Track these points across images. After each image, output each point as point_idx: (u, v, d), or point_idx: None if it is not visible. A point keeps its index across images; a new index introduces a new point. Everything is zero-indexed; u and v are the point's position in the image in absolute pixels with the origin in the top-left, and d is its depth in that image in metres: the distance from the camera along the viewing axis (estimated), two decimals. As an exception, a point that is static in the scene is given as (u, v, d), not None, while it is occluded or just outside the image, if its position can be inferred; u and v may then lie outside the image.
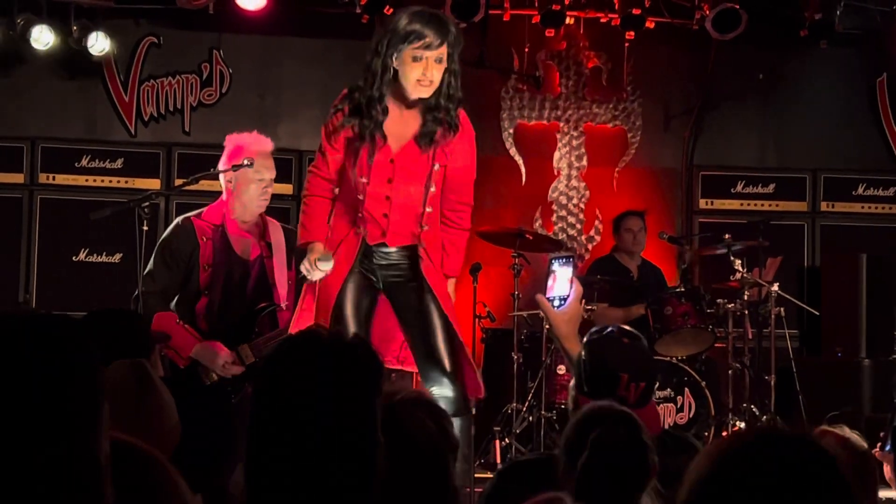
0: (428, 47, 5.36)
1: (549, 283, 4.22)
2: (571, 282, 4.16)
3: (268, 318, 6.40)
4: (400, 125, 5.49)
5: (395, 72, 5.41)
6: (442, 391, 5.39)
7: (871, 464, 3.43)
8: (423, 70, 5.36)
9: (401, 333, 5.64)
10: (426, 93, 5.42)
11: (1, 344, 1.71)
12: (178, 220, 6.53)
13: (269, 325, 6.37)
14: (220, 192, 9.70)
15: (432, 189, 5.51)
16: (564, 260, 4.28)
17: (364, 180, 5.47)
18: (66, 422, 1.71)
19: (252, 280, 6.38)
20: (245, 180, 6.39)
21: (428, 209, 5.51)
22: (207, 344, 6.18)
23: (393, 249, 5.57)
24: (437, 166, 5.48)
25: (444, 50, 5.40)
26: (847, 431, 3.45)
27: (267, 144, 6.55)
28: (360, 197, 5.50)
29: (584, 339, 3.80)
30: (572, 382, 3.78)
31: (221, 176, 6.44)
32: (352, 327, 5.48)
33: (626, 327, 3.87)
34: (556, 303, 4.14)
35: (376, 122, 5.43)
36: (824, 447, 1.81)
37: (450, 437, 2.71)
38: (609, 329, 3.80)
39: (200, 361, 6.18)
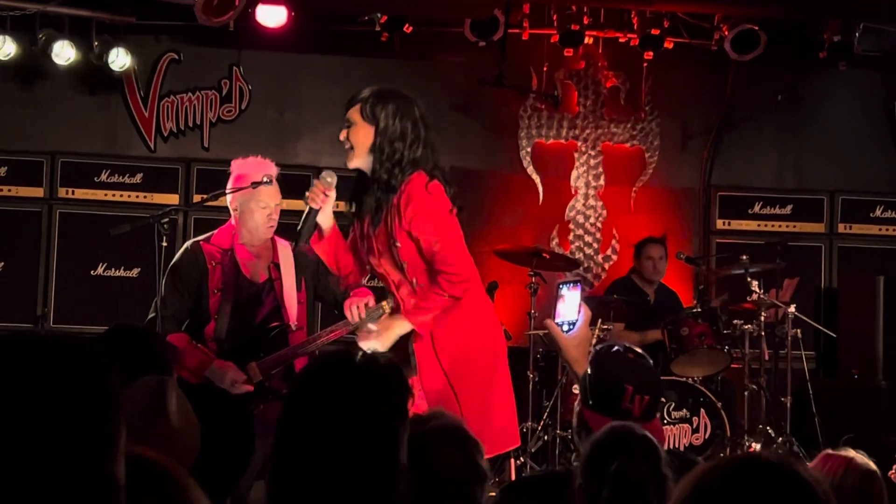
0: (345, 111, 5.39)
1: (558, 307, 4.22)
2: (580, 306, 4.16)
3: (277, 338, 6.35)
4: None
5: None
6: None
7: (877, 484, 3.41)
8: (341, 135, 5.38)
9: None
10: (349, 160, 5.38)
11: (20, 364, 1.72)
12: (187, 244, 6.50)
13: (279, 346, 6.32)
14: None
15: (405, 265, 5.28)
16: (573, 284, 4.28)
17: (368, 267, 5.48)
18: (83, 441, 1.72)
19: (262, 303, 6.37)
20: (249, 209, 6.38)
21: (413, 280, 5.31)
22: (219, 363, 6.19)
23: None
24: (397, 243, 5.24)
25: (353, 112, 5.34)
26: (851, 453, 3.44)
27: (271, 169, 6.54)
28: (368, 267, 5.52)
29: (591, 354, 3.81)
30: (577, 404, 3.79)
31: (228, 201, 6.43)
32: None
33: (633, 346, 3.88)
34: (566, 328, 4.14)
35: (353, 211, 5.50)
36: (803, 475, 1.83)
37: (478, 468, 2.71)
38: (615, 346, 3.81)
39: (212, 379, 6.19)
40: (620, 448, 2.99)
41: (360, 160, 5.35)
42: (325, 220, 5.46)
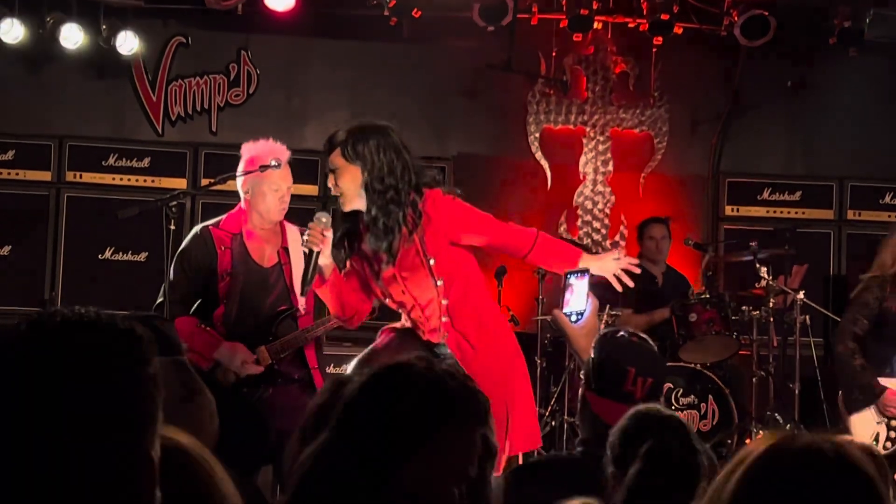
0: (326, 158, 5.37)
1: (566, 296, 4.23)
2: (588, 296, 4.16)
3: (286, 322, 6.38)
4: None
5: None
6: None
7: (884, 470, 3.40)
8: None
9: None
10: (343, 203, 5.34)
11: (60, 344, 1.72)
12: (196, 229, 6.50)
13: (288, 330, 6.35)
14: (246, 193, 9.75)
15: (440, 283, 5.32)
16: (580, 274, 4.28)
17: (388, 300, 5.44)
18: (121, 420, 1.73)
19: (271, 287, 6.38)
20: (261, 192, 6.37)
21: (444, 301, 5.35)
22: (228, 344, 6.21)
23: (442, 346, 5.44)
24: (432, 260, 5.29)
25: (334, 156, 5.31)
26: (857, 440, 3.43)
27: (283, 153, 6.53)
28: (399, 309, 5.49)
29: (596, 339, 3.81)
30: (581, 389, 3.80)
31: (239, 185, 6.42)
32: None
33: (638, 332, 3.88)
34: (574, 318, 4.15)
35: (348, 248, 5.47)
36: (864, 468, 1.80)
37: (489, 444, 2.71)
38: (620, 331, 3.82)
39: (221, 361, 6.20)
40: (649, 429, 2.99)
41: (355, 202, 5.32)
42: (325, 261, 5.41)
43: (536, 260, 5.50)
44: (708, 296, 8.76)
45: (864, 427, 7.01)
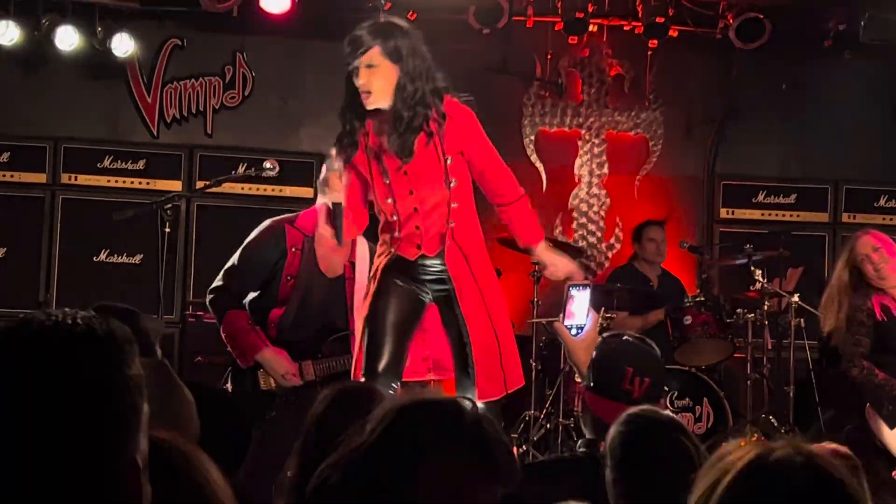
0: (355, 55, 5.32)
1: (567, 309, 4.26)
2: (589, 310, 4.21)
3: (338, 342, 6.33)
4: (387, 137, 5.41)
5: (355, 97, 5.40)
6: None
7: (858, 472, 3.41)
8: (357, 79, 5.33)
9: (435, 342, 5.59)
10: (370, 101, 5.33)
11: (35, 354, 1.71)
12: (271, 222, 6.44)
13: (339, 349, 6.30)
14: (240, 195, 9.76)
15: (454, 184, 5.40)
16: (582, 287, 4.31)
17: (390, 200, 5.40)
18: (103, 428, 1.72)
19: (332, 300, 6.29)
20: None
21: (454, 205, 5.43)
22: (274, 350, 6.16)
23: (435, 261, 5.47)
24: (449, 160, 5.38)
25: (373, 53, 5.30)
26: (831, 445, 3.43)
27: None
28: (394, 218, 5.43)
29: (598, 343, 3.85)
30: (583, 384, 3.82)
31: (321, 182, 6.28)
32: (388, 336, 5.44)
33: (637, 335, 3.91)
34: (574, 331, 4.18)
35: (355, 145, 5.44)
36: (838, 476, 1.82)
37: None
38: (624, 335, 3.84)
39: (263, 366, 6.16)
40: (646, 432, 3.00)
41: (383, 100, 5.34)
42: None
43: (507, 215, 5.61)
44: (702, 298, 8.77)
45: None
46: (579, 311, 4.24)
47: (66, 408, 1.68)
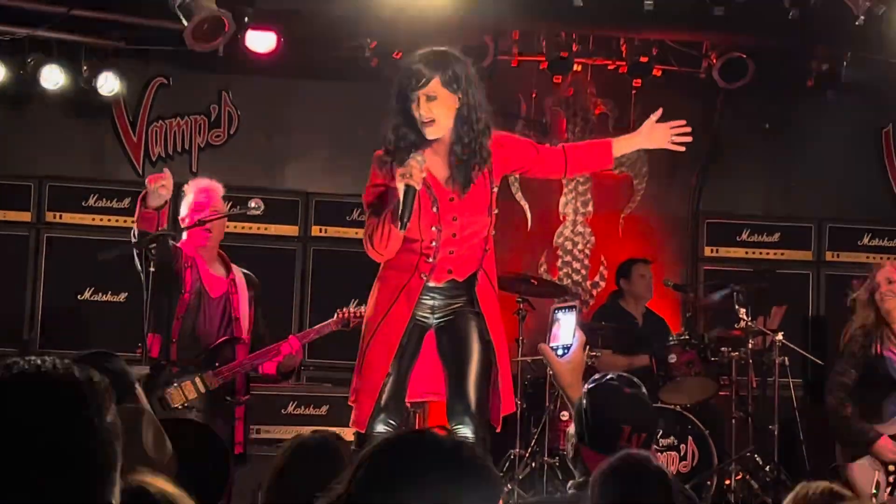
0: (418, 86, 5.31)
1: (553, 331, 4.23)
2: (576, 331, 4.16)
3: (230, 349, 6.66)
4: (439, 166, 5.43)
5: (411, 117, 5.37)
6: (463, 431, 5.38)
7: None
8: (418, 109, 5.32)
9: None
10: (431, 133, 5.33)
11: (22, 398, 1.72)
12: (165, 239, 6.65)
13: (231, 356, 6.64)
14: (225, 233, 9.77)
15: (496, 211, 5.48)
16: (568, 309, 4.28)
17: (435, 229, 5.37)
18: (81, 471, 1.72)
19: (219, 312, 6.53)
20: (220, 224, 6.83)
21: (493, 233, 5.51)
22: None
23: (462, 286, 5.50)
24: (496, 188, 5.45)
25: (434, 85, 5.31)
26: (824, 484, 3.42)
27: (219, 190, 7.02)
28: (434, 244, 5.41)
29: (585, 388, 3.79)
30: (571, 429, 3.77)
31: (189, 217, 6.83)
32: (394, 373, 5.43)
33: (627, 375, 3.87)
34: (560, 352, 4.14)
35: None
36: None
37: None
38: (609, 377, 3.79)
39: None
40: (629, 477, 2.99)
41: (443, 130, 5.36)
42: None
43: (575, 172, 5.87)
44: (687, 337, 8.78)
45: (864, 475, 7.16)
46: (565, 332, 4.19)
47: (43, 453, 1.69)
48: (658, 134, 5.78)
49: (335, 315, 7.27)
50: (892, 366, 7.29)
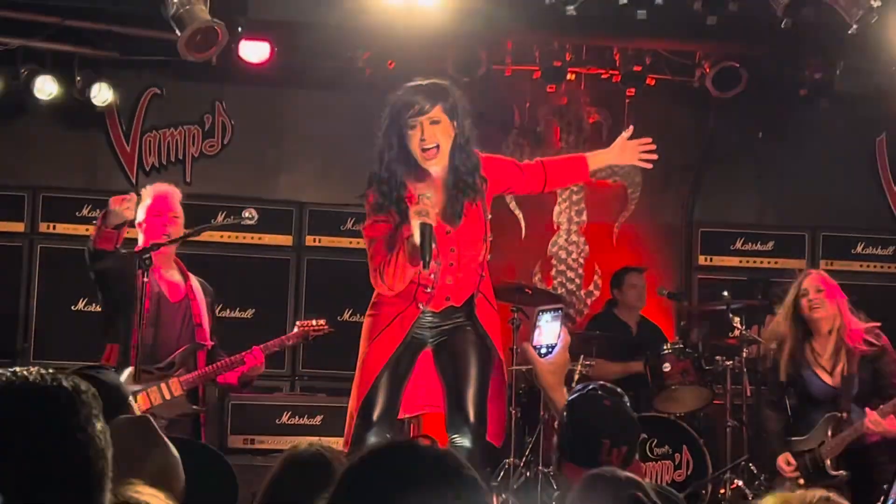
0: (422, 112, 5.31)
1: (537, 332, 4.21)
2: (561, 332, 4.13)
3: (193, 356, 6.72)
4: (435, 200, 5.41)
5: (407, 151, 5.37)
6: (462, 441, 5.39)
7: None
8: (420, 135, 5.31)
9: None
10: (433, 162, 5.35)
11: (8, 408, 1.71)
12: (121, 250, 6.69)
13: (194, 363, 6.71)
14: (219, 243, 9.76)
15: (490, 238, 5.51)
16: (553, 311, 4.26)
17: (436, 262, 5.33)
18: (69, 482, 1.71)
19: (179, 320, 6.54)
20: (179, 230, 6.82)
21: (488, 257, 5.55)
22: None
23: (460, 311, 5.55)
24: (489, 216, 5.50)
25: (437, 111, 5.34)
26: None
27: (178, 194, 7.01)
28: (433, 277, 5.42)
29: (567, 399, 3.77)
30: (556, 442, 3.76)
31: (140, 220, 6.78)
32: (385, 387, 5.45)
33: (609, 385, 3.84)
34: (543, 350, 4.11)
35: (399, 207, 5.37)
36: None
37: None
38: (591, 387, 3.76)
39: None
40: (605, 492, 2.97)
41: (443, 159, 5.39)
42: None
43: (553, 187, 5.90)
44: (681, 346, 8.78)
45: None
46: (549, 332, 4.16)
47: (30, 463, 1.68)
48: (629, 151, 5.92)
49: (295, 328, 7.41)
50: (810, 383, 7.30)
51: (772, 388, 7.48)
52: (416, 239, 5.17)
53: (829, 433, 7.19)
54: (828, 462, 7.17)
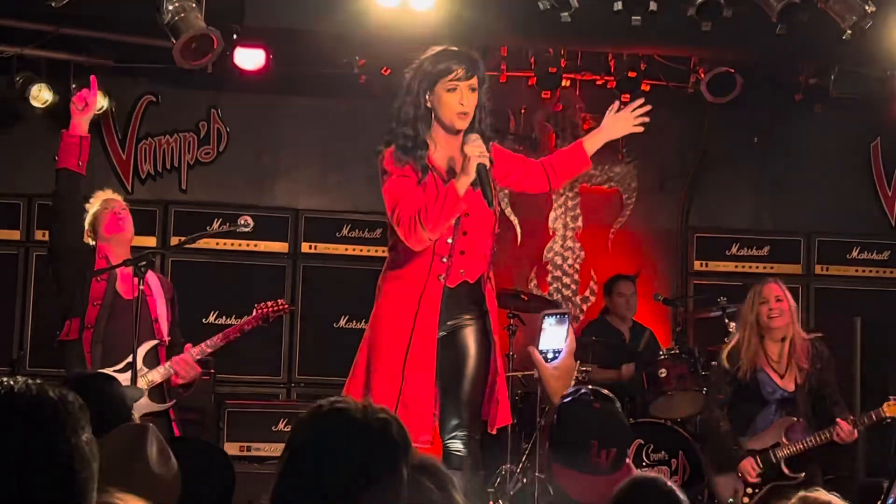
0: (461, 78, 5.35)
1: (543, 336, 4.19)
2: (567, 337, 4.12)
3: (153, 352, 6.62)
4: (449, 160, 5.46)
5: (429, 111, 5.41)
6: (455, 445, 5.39)
7: None
8: (460, 99, 5.35)
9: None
10: (464, 124, 5.39)
11: None
12: (87, 241, 6.70)
13: (154, 359, 6.59)
14: (215, 251, 9.75)
15: (498, 209, 5.53)
16: (559, 315, 4.25)
17: (452, 222, 5.38)
18: (53, 490, 1.71)
19: (134, 316, 6.45)
20: (131, 224, 6.85)
21: (497, 230, 5.57)
22: None
23: (474, 287, 5.54)
24: (497, 185, 5.52)
25: (475, 80, 5.39)
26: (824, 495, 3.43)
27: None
28: (450, 241, 5.43)
29: (557, 403, 3.77)
30: (546, 443, 3.76)
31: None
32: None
33: (601, 389, 3.84)
34: (550, 355, 4.10)
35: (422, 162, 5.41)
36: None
37: (454, 502, 2.69)
38: (582, 391, 3.76)
39: None
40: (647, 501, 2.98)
41: (466, 122, 5.44)
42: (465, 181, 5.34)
43: (560, 182, 5.93)
44: (677, 351, 8.79)
45: (727, 489, 7.49)
46: (556, 337, 4.14)
47: (15, 473, 1.68)
48: (621, 121, 5.89)
49: (253, 311, 7.18)
50: (764, 385, 7.45)
51: (720, 388, 7.57)
52: (468, 178, 5.21)
53: (783, 436, 7.38)
54: (783, 463, 7.38)
